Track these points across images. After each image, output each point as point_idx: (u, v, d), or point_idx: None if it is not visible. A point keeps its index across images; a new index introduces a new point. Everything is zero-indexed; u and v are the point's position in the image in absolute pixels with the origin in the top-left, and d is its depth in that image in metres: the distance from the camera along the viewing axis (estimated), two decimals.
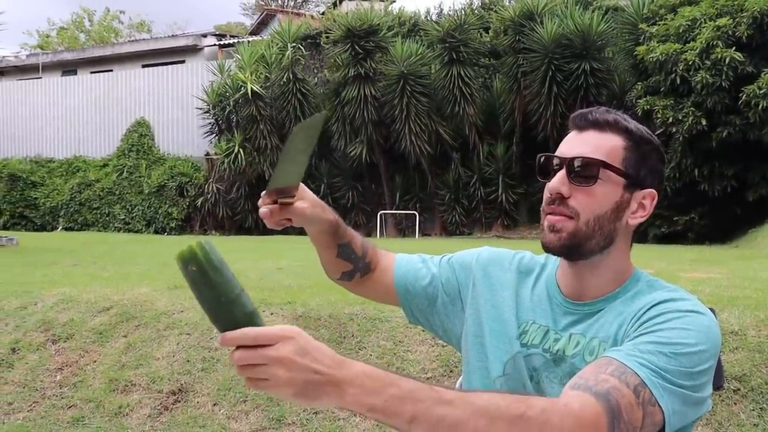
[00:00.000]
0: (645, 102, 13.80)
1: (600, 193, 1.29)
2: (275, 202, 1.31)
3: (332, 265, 1.55)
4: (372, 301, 1.88)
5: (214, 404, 4.27)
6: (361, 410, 0.97)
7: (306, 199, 1.37)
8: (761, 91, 12.31)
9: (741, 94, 12.63)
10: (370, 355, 4.45)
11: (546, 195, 1.33)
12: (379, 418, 0.98)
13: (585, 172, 1.29)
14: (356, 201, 19.15)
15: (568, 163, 1.30)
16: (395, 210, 18.97)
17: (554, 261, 1.47)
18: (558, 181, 1.30)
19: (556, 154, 1.34)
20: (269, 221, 1.33)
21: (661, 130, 13.23)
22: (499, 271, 1.51)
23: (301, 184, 1.34)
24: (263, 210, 1.31)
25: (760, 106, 12.34)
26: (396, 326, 4.65)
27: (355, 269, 1.55)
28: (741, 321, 4.23)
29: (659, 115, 13.38)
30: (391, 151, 18.56)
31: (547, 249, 1.33)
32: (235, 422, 4.12)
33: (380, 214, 18.76)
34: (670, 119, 13.25)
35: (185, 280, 0.99)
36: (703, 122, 12.96)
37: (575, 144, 1.33)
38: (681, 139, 13.39)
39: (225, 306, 0.98)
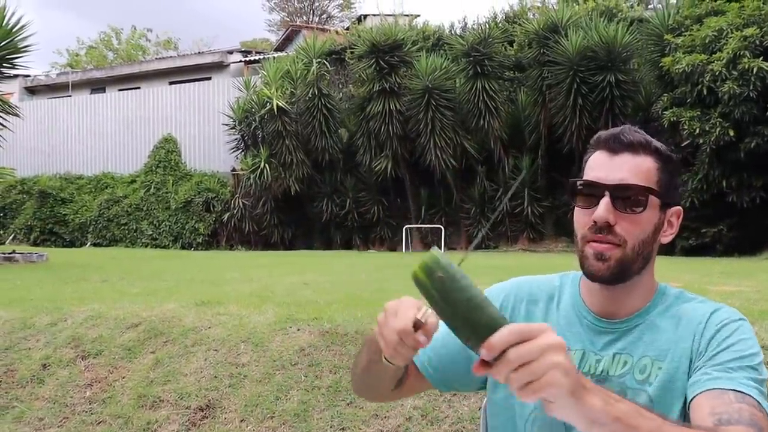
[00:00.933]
0: (671, 113, 13.68)
1: (645, 219, 1.29)
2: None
3: (375, 391, 1.48)
4: None
5: (242, 420, 4.29)
6: (604, 419, 0.95)
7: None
8: None
9: None
10: None
11: (588, 222, 1.30)
12: (617, 430, 0.96)
13: (633, 200, 1.28)
14: (382, 215, 19.18)
15: (612, 190, 1.28)
16: (421, 224, 18.94)
17: (570, 280, 1.46)
18: (604, 210, 1.27)
19: (591, 179, 1.31)
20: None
21: (688, 141, 13.11)
22: (523, 305, 1.48)
23: None
24: (423, 338, 1.04)
25: None
26: None
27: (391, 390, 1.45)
28: None
29: (686, 127, 13.25)
30: (416, 165, 18.57)
31: (594, 278, 1.31)
32: None
33: (406, 228, 18.76)
34: (697, 130, 13.10)
35: (424, 296, 0.93)
36: (731, 133, 12.80)
37: (612, 168, 1.30)
38: (708, 150, 13.24)
39: (479, 307, 0.93)
